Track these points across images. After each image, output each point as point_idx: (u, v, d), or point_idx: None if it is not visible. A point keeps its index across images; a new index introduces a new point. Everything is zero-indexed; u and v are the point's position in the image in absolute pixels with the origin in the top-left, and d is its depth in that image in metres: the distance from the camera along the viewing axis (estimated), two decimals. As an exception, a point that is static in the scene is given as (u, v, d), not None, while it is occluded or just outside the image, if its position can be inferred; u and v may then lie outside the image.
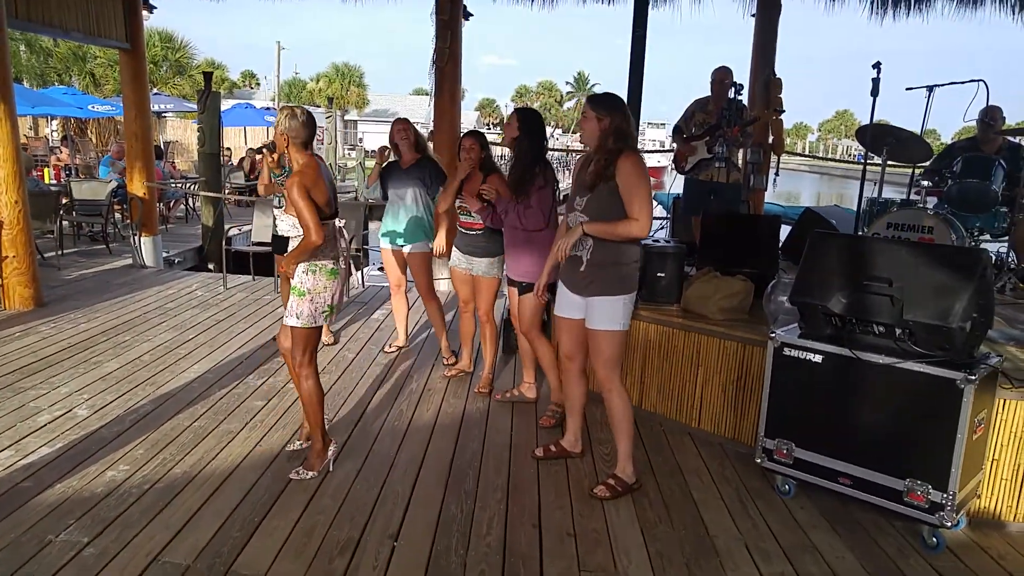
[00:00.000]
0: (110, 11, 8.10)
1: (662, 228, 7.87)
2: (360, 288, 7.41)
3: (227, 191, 13.21)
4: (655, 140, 53.41)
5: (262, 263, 7.42)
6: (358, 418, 4.15)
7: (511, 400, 4.45)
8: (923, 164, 5.85)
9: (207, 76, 11.35)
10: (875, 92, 5.12)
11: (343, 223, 3.44)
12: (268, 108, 26.97)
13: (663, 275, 4.33)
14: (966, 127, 6.03)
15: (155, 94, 20.92)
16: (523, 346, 4.40)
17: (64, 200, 9.52)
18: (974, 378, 2.83)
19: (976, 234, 5.31)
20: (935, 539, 3.01)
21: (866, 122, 5.39)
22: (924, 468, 2.95)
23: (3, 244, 6.04)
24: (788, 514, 3.28)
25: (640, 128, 6.89)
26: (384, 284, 7.65)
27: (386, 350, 5.40)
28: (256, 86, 52.75)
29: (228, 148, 17.10)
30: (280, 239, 5.12)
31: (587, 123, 3.21)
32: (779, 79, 7.33)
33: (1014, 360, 3.50)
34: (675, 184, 6.53)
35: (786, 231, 6.28)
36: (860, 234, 5.16)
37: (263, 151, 3.46)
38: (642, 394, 4.31)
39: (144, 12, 8.95)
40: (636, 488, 3.40)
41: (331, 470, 3.50)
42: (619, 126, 3.16)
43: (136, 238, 8.63)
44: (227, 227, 8.76)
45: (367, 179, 4.93)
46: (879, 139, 5.43)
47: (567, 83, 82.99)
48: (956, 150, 5.81)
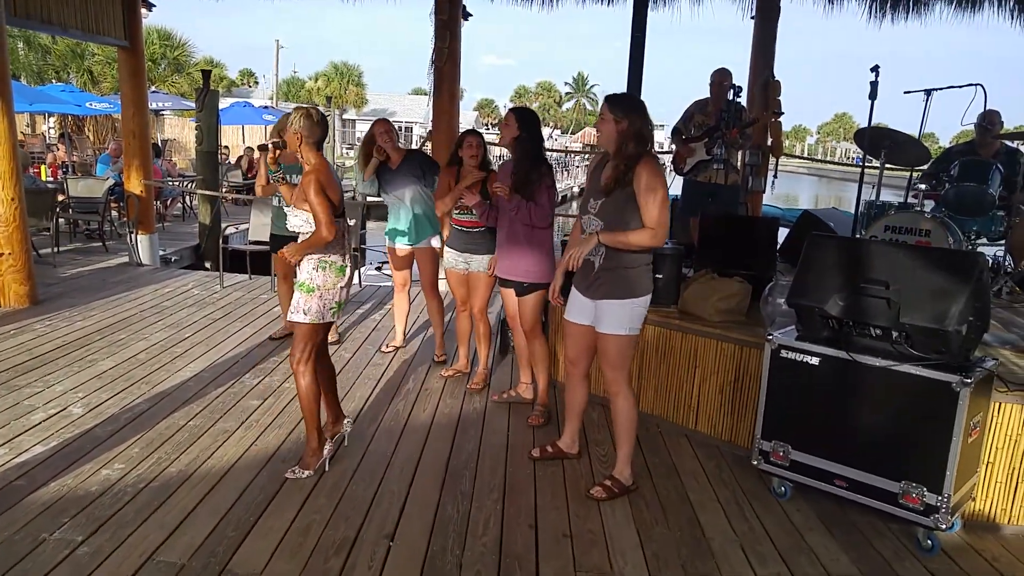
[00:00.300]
0: (109, 9, 8.07)
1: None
2: (358, 287, 7.40)
3: (224, 189, 13.19)
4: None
5: (259, 262, 7.40)
6: (355, 418, 4.14)
7: (508, 401, 4.45)
8: (921, 167, 5.86)
9: (205, 74, 11.35)
10: (873, 95, 5.13)
11: (353, 222, 3.45)
12: (266, 107, 26.96)
13: (660, 276, 4.33)
14: (964, 131, 6.06)
15: (153, 92, 20.90)
16: (519, 346, 4.40)
17: (60, 197, 9.49)
18: (970, 381, 2.83)
19: (973, 238, 5.33)
20: (930, 541, 3.01)
21: (864, 125, 5.40)
22: (919, 471, 2.96)
23: (-1, 241, 6.03)
24: (784, 516, 3.28)
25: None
26: (381, 284, 7.66)
27: (383, 350, 5.39)
28: (254, 85, 52.66)
29: (226, 146, 17.06)
30: (279, 238, 5.11)
31: (604, 125, 3.14)
32: (778, 81, 7.32)
33: (1009, 364, 3.51)
34: (673, 185, 6.53)
35: (784, 233, 6.29)
36: (857, 237, 5.16)
37: (269, 147, 3.43)
38: (639, 395, 4.30)
39: (143, 10, 8.94)
40: (633, 490, 3.40)
41: (327, 470, 3.49)
42: (639, 130, 3.09)
43: (132, 236, 8.60)
44: (224, 226, 8.74)
45: (363, 173, 4.90)
46: (877, 142, 5.44)
47: (566, 84, 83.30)
48: (954, 154, 5.83)
